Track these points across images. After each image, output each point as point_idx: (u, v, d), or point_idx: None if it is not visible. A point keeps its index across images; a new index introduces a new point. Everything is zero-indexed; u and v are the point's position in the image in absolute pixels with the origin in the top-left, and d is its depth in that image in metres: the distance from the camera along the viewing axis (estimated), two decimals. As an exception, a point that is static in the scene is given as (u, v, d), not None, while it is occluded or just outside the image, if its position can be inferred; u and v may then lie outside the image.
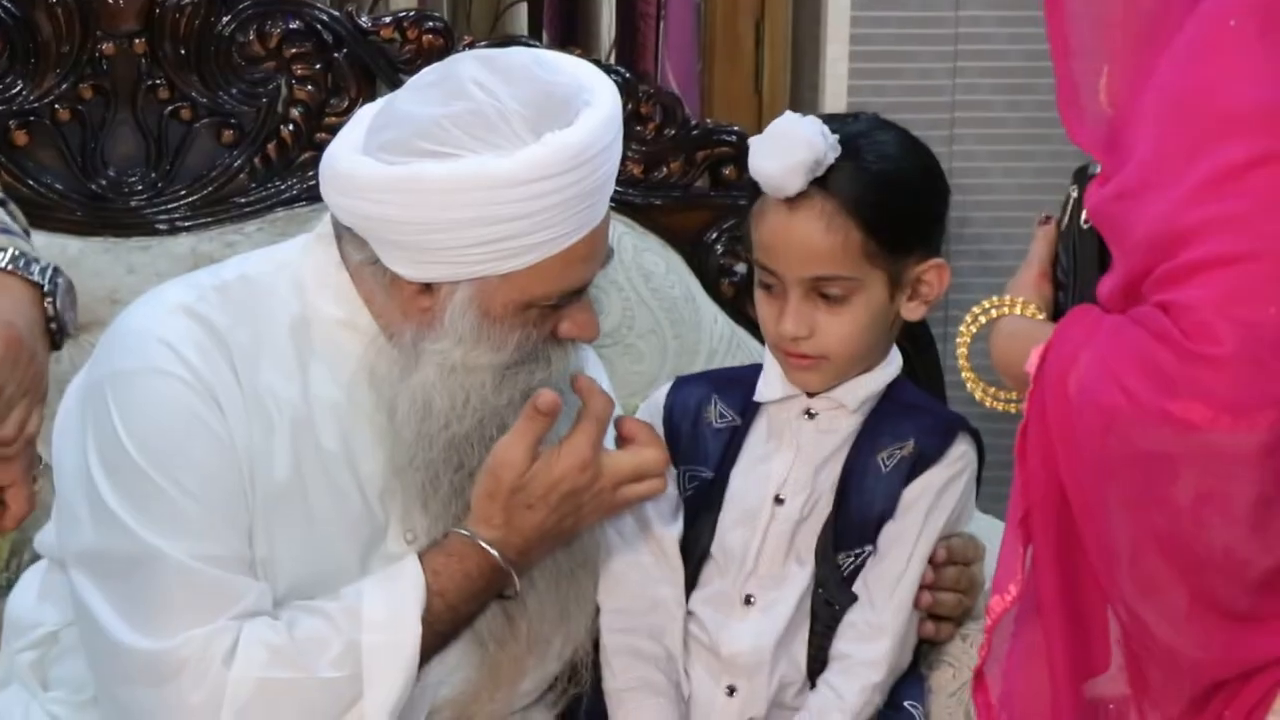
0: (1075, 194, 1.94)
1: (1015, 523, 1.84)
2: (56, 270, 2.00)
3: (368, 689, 2.12)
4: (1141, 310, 1.70)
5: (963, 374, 2.04)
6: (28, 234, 2.08)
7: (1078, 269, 1.95)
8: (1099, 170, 1.84)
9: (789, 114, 2.26)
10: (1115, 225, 1.77)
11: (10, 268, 1.96)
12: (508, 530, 2.18)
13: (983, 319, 2.01)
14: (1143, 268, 1.71)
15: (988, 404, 2.04)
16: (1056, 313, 1.97)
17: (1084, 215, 1.91)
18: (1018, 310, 1.99)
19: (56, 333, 1.98)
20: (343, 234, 2.21)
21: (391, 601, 2.15)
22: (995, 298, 2.01)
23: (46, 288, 1.97)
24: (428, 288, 2.17)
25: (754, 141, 2.26)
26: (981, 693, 1.92)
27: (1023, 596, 1.85)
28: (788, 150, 2.21)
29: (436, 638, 2.18)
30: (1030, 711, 1.88)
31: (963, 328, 2.03)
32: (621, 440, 2.24)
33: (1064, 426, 1.76)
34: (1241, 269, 1.64)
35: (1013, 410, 2.00)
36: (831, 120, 2.27)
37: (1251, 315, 1.63)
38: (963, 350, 2.05)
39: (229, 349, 2.18)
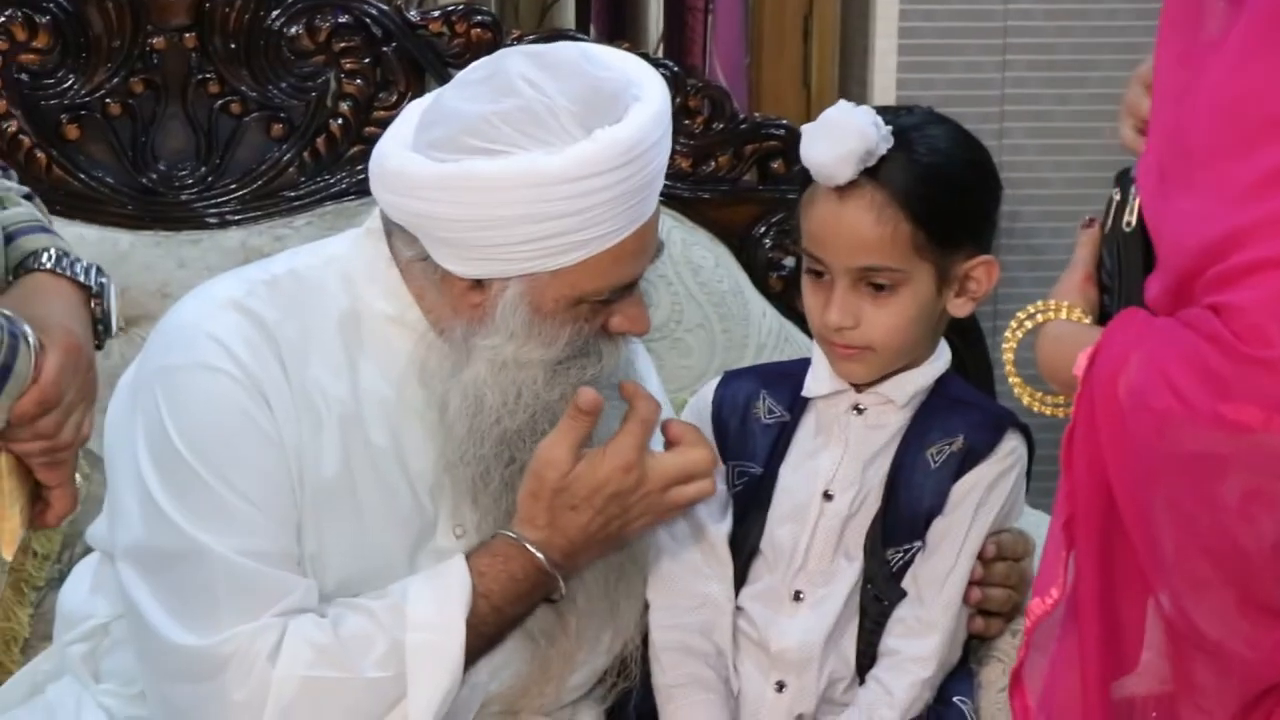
0: (1118, 196, 1.92)
1: (1059, 527, 1.83)
2: (99, 270, 2.00)
3: (411, 688, 2.12)
4: (1192, 312, 1.69)
5: (1010, 379, 2.02)
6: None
7: (1123, 272, 1.93)
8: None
9: (842, 102, 2.25)
10: (1164, 224, 1.76)
11: (58, 270, 1.96)
12: (552, 531, 2.18)
13: (1028, 324, 1.99)
14: (1194, 269, 1.69)
15: (1035, 409, 2.02)
16: (1102, 317, 1.95)
17: (1126, 218, 1.90)
18: (1063, 315, 1.97)
19: (102, 333, 1.99)
20: (393, 230, 2.21)
21: (437, 600, 2.15)
22: (1040, 302, 1.99)
23: (94, 289, 1.97)
24: (479, 284, 2.16)
25: (806, 129, 2.25)
26: (1019, 695, 1.90)
27: (1064, 601, 1.84)
28: (840, 139, 2.20)
29: (482, 639, 2.18)
30: (1067, 714, 1.87)
31: (1009, 333, 2.01)
32: (668, 443, 2.23)
33: (1113, 430, 1.74)
34: None
35: (1060, 415, 1.97)
36: (885, 112, 2.26)
37: None
38: (1009, 356, 2.03)
39: (278, 344, 2.18)
